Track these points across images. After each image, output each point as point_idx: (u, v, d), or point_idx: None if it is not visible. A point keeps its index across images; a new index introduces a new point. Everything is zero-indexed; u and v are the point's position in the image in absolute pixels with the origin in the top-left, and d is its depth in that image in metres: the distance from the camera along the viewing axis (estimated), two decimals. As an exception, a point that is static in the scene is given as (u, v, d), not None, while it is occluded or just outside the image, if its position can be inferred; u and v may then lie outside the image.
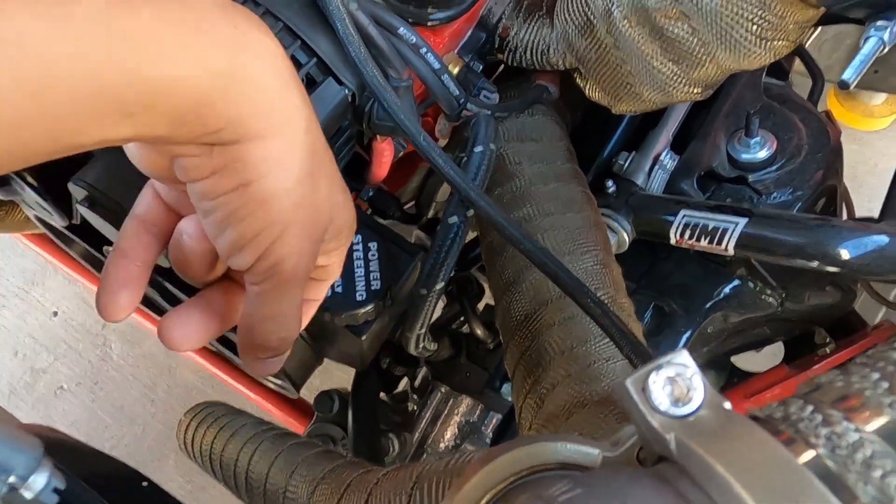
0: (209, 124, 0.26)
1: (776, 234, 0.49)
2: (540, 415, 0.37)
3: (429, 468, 0.28)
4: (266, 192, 0.28)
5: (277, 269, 0.30)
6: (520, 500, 0.17)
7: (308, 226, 0.30)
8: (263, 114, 0.26)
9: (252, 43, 0.26)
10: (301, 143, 0.28)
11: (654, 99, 0.51)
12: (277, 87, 0.27)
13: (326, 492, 0.36)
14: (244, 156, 0.27)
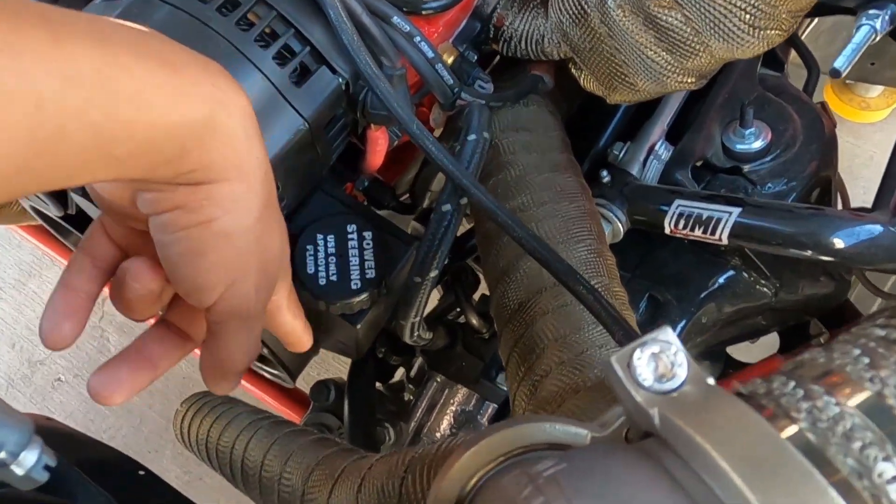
0: (185, 167, 0.28)
1: (769, 223, 0.50)
2: (533, 401, 0.37)
3: (421, 452, 0.28)
4: (229, 228, 0.30)
5: (239, 307, 0.32)
6: (506, 478, 0.17)
7: (265, 263, 0.32)
8: (231, 161, 0.29)
9: (228, 100, 0.29)
10: (260, 187, 0.31)
11: (648, 89, 0.51)
12: (245, 138, 0.30)
13: (321, 478, 0.36)
14: (211, 195, 0.29)
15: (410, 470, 0.26)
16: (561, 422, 0.21)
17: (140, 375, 0.35)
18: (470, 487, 0.20)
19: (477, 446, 0.20)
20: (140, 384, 0.35)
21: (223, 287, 0.31)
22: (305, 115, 0.41)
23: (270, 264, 0.33)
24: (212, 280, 0.31)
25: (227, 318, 0.32)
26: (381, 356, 0.60)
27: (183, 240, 0.30)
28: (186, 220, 0.29)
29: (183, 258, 0.30)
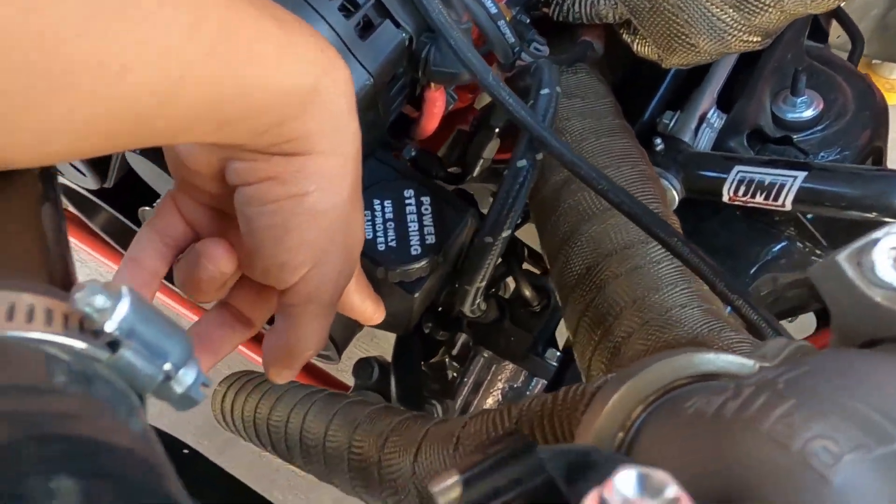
0: (284, 135, 0.27)
1: (836, 186, 0.48)
2: (617, 362, 0.35)
3: (530, 404, 0.26)
4: (319, 205, 0.28)
5: (319, 291, 0.30)
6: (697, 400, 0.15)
7: (350, 247, 0.31)
8: (330, 133, 0.28)
9: (333, 68, 0.27)
10: (353, 165, 0.29)
11: (709, 49, 0.49)
12: (345, 111, 0.28)
13: (399, 443, 0.34)
14: (305, 167, 0.28)
15: (525, 422, 0.25)
16: (716, 352, 0.19)
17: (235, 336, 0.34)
18: (631, 421, 0.19)
19: (636, 378, 0.19)
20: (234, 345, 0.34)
21: (306, 268, 0.29)
22: (371, 70, 0.39)
23: (354, 248, 0.31)
24: (296, 259, 0.29)
25: (304, 300, 0.31)
26: (428, 331, 0.59)
27: (271, 213, 0.28)
28: (277, 193, 0.28)
29: (269, 233, 0.29)
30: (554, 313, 0.60)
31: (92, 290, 0.14)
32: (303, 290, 0.30)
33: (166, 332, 0.15)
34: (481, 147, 0.51)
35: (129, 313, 0.14)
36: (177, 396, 0.16)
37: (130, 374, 0.15)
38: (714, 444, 0.13)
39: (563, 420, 0.23)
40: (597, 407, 0.19)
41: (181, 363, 0.15)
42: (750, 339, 0.33)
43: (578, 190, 0.47)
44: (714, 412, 0.14)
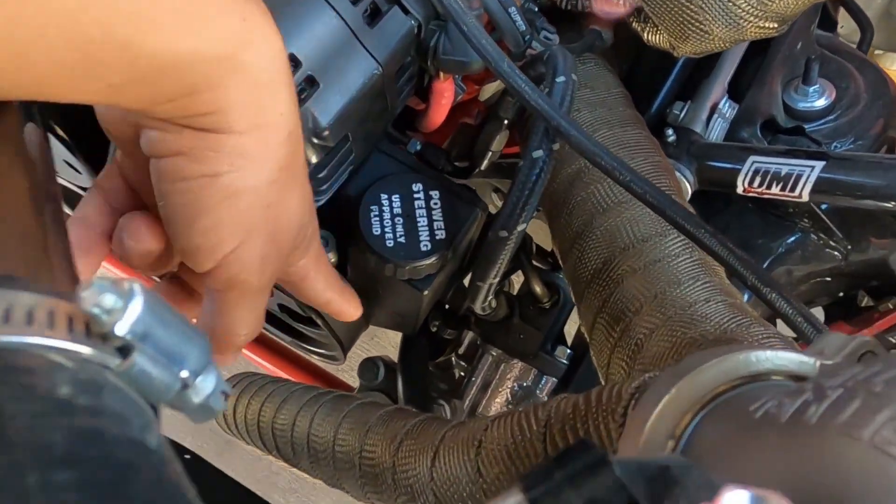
0: (193, 108, 0.24)
1: (855, 176, 0.47)
2: (640, 360, 0.34)
3: (558, 405, 0.25)
4: (234, 187, 0.26)
5: (239, 278, 0.28)
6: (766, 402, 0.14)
7: (274, 233, 0.29)
8: (249, 111, 0.25)
9: (257, 39, 0.25)
10: (279, 146, 0.27)
11: (724, 36, 0.48)
12: (269, 88, 0.26)
13: (415, 448, 0.33)
14: (218, 145, 0.25)
15: (555, 425, 0.23)
16: (773, 349, 0.18)
17: None
18: (683, 427, 0.17)
19: (686, 380, 0.17)
20: None
21: (222, 253, 0.28)
22: (379, 59, 0.37)
23: (283, 234, 0.29)
24: (210, 242, 0.27)
25: (225, 286, 0.29)
26: (435, 330, 0.57)
27: (182, 192, 0.26)
28: (189, 170, 0.26)
29: (180, 213, 0.27)
30: (563, 310, 0.59)
31: (100, 289, 0.13)
32: (222, 276, 0.28)
33: (183, 333, 0.13)
34: (490, 139, 0.49)
35: (143, 314, 0.13)
36: (194, 406, 0.14)
37: (144, 382, 0.13)
38: (798, 452, 0.12)
39: (599, 424, 0.21)
40: (643, 412, 0.17)
41: (199, 369, 0.14)
42: (779, 334, 0.32)
43: (591, 182, 0.46)
44: (791, 417, 0.13)
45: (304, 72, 0.35)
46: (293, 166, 0.28)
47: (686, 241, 0.41)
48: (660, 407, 0.17)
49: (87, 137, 0.49)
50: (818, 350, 0.18)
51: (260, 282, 0.29)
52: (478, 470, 0.27)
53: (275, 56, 0.26)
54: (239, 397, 0.53)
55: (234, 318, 0.30)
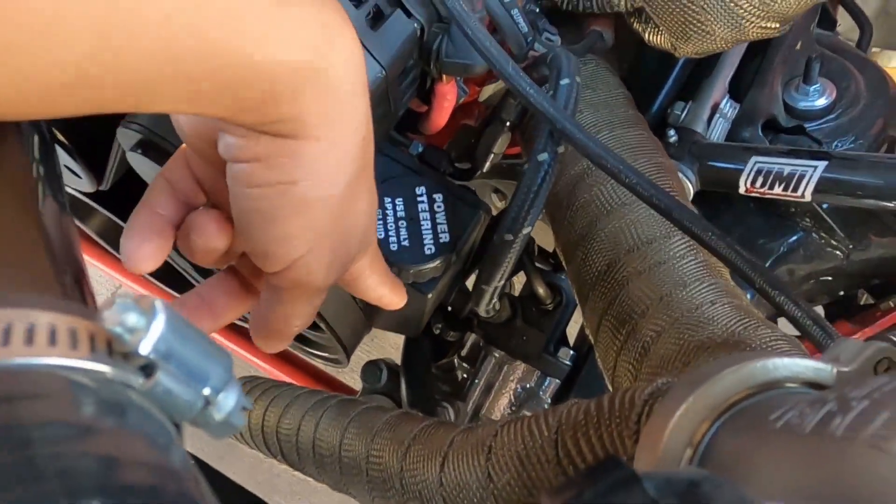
0: (274, 116, 0.24)
1: (857, 176, 0.47)
2: (647, 363, 0.34)
3: (569, 410, 0.25)
4: (310, 196, 0.26)
5: (304, 280, 0.29)
6: (787, 413, 0.14)
7: (342, 238, 0.29)
8: (327, 118, 0.25)
9: (337, 46, 0.25)
10: (354, 154, 0.27)
11: (725, 36, 0.48)
12: (348, 94, 0.25)
13: (423, 453, 0.33)
14: (295, 153, 0.25)
15: (566, 431, 0.23)
16: (789, 356, 0.18)
17: (200, 324, 0.32)
18: (700, 436, 0.17)
19: (703, 388, 0.17)
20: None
21: (292, 258, 0.28)
22: (382, 62, 0.37)
23: (351, 239, 0.30)
24: (281, 249, 0.27)
25: (289, 286, 0.29)
26: (438, 332, 0.57)
27: (257, 198, 0.26)
28: (265, 177, 0.26)
29: (254, 219, 0.27)
30: (566, 311, 0.59)
31: (123, 307, 0.12)
32: (289, 277, 0.29)
33: (205, 351, 0.13)
34: (492, 141, 0.49)
35: (166, 332, 0.13)
36: (215, 423, 0.14)
37: (167, 401, 0.13)
38: (824, 464, 0.12)
39: (613, 431, 0.21)
40: (659, 420, 0.17)
41: (221, 386, 0.14)
42: (786, 336, 0.32)
43: (595, 184, 0.46)
44: (815, 428, 0.13)
45: (308, 76, 0.35)
46: (366, 173, 0.28)
47: (690, 243, 0.41)
48: (677, 415, 0.17)
49: (88, 142, 0.49)
50: (833, 357, 0.18)
51: (325, 283, 0.30)
52: (488, 475, 0.27)
53: (354, 63, 0.25)
54: (242, 401, 0.53)
55: (292, 311, 0.31)
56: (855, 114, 0.59)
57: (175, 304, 0.33)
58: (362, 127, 0.27)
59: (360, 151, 0.27)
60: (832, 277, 0.60)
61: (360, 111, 0.26)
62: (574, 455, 0.22)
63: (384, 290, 0.37)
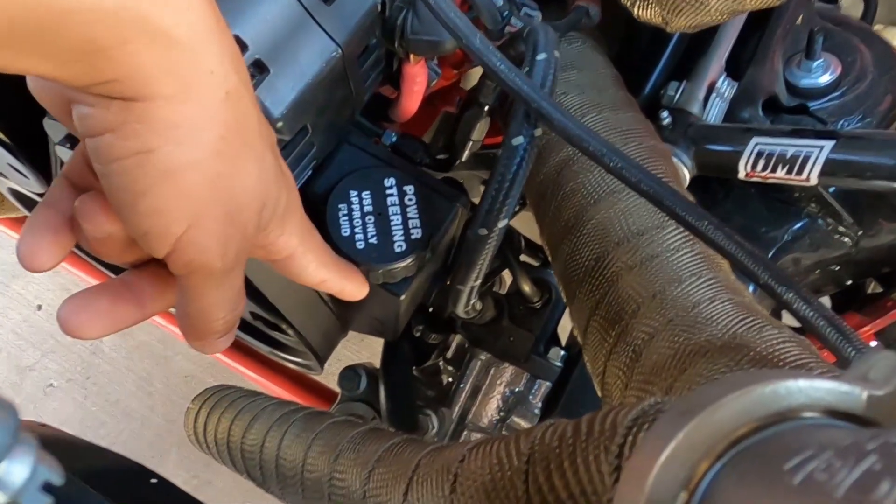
0: (100, 72, 0.22)
1: (867, 156, 0.43)
2: (639, 369, 0.30)
3: (543, 438, 0.21)
4: (171, 163, 0.24)
5: (199, 261, 0.26)
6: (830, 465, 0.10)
7: (231, 209, 0.26)
8: (172, 72, 0.22)
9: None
10: (220, 112, 0.24)
11: (720, 7, 0.44)
12: (190, 42, 0.23)
13: (387, 476, 0.29)
14: (146, 116, 0.23)
15: (538, 461, 0.20)
16: (806, 377, 0.14)
17: (122, 310, 0.29)
18: (698, 478, 0.13)
19: (700, 419, 0.14)
20: (121, 320, 0.29)
21: (173, 236, 0.25)
22: (338, 40, 0.33)
23: (242, 210, 0.27)
24: (157, 227, 0.25)
25: (186, 271, 0.27)
26: (419, 335, 0.53)
27: (118, 173, 0.24)
28: (120, 149, 0.23)
29: (121, 196, 0.24)
30: (556, 309, 0.55)
31: None
32: (179, 260, 0.26)
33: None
34: (470, 128, 0.45)
35: None
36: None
37: None
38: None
39: (590, 462, 0.18)
40: (645, 457, 0.14)
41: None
42: (796, 337, 0.28)
43: (581, 171, 0.42)
44: (850, 493, 0.09)
45: (252, 56, 0.31)
46: (242, 131, 0.25)
47: (686, 234, 0.37)
48: (666, 454, 0.13)
49: (30, 141, 0.45)
50: (861, 374, 0.14)
51: (224, 264, 0.27)
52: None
53: (191, 6, 0.23)
54: (210, 413, 0.50)
55: (205, 302, 0.28)
56: (861, 90, 0.55)
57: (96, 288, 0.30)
58: (221, 79, 0.24)
59: (224, 107, 0.24)
60: (840, 266, 0.56)
61: (211, 61, 0.24)
62: (546, 491, 0.19)
63: (326, 274, 0.34)
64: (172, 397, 1.14)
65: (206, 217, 0.25)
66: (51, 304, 1.24)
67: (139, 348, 1.18)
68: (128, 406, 1.15)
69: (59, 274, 1.21)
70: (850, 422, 0.14)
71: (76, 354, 1.20)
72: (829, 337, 0.23)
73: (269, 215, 0.29)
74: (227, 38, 0.24)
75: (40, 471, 0.11)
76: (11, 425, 0.10)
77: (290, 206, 0.31)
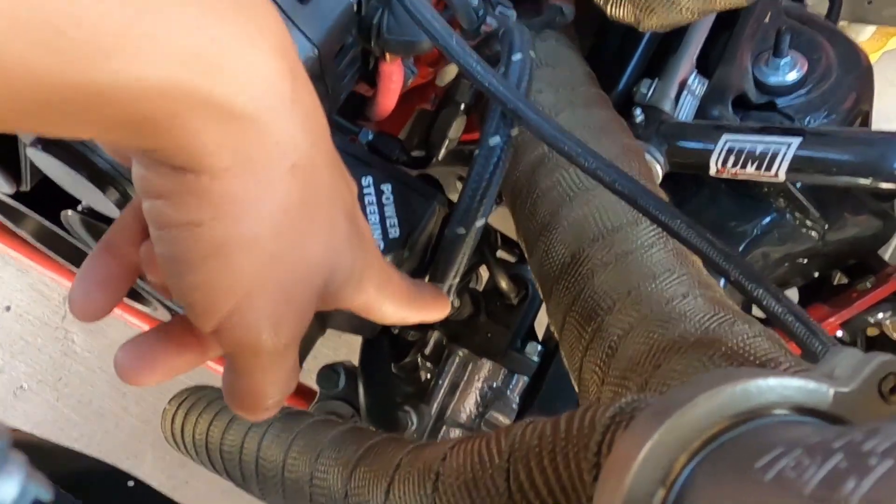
0: (148, 141, 0.20)
1: (833, 153, 0.44)
2: (615, 365, 0.31)
3: (523, 435, 0.21)
4: (224, 239, 0.22)
5: (248, 341, 0.24)
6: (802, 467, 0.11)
7: (287, 287, 0.24)
8: (229, 145, 0.20)
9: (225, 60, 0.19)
10: (283, 186, 0.22)
11: (691, 6, 0.45)
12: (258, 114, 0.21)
13: (368, 475, 0.29)
14: (199, 189, 0.21)
15: (519, 459, 0.20)
16: (776, 375, 0.15)
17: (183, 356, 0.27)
18: (675, 475, 0.14)
19: (676, 417, 0.14)
20: (181, 366, 0.27)
21: (219, 314, 0.23)
22: (314, 40, 0.33)
23: (302, 287, 0.25)
24: (203, 302, 0.23)
25: (233, 350, 0.25)
26: (397, 332, 0.54)
27: (168, 242, 0.22)
28: (171, 217, 0.21)
29: (169, 266, 0.23)
30: (532, 304, 0.55)
31: None
32: (228, 338, 0.24)
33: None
34: (446, 125, 0.46)
35: None
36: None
37: None
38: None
39: (570, 460, 0.18)
40: (624, 452, 0.14)
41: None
42: (766, 331, 0.29)
43: (556, 168, 0.42)
44: (817, 490, 0.10)
45: (227, 56, 0.31)
46: (309, 204, 0.23)
47: (660, 230, 0.38)
48: (644, 451, 0.14)
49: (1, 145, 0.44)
50: (828, 371, 0.15)
51: (275, 344, 0.24)
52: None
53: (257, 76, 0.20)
54: (187, 414, 0.49)
55: (253, 382, 0.26)
56: (827, 88, 0.56)
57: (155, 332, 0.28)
58: (288, 150, 0.22)
59: (288, 180, 0.22)
60: (807, 259, 0.58)
61: (279, 132, 0.21)
62: (527, 489, 0.19)
63: (404, 314, 0.32)
64: (147, 397, 1.12)
65: (258, 296, 0.23)
66: (20, 305, 1.21)
67: (111, 347, 1.16)
68: (101, 407, 1.13)
69: (29, 274, 1.19)
70: (817, 417, 0.14)
71: (47, 356, 1.18)
72: (796, 332, 0.24)
73: (341, 284, 0.27)
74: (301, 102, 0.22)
75: (30, 489, 0.11)
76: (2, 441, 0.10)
77: (367, 266, 0.29)
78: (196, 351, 0.28)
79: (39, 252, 0.72)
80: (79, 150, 0.31)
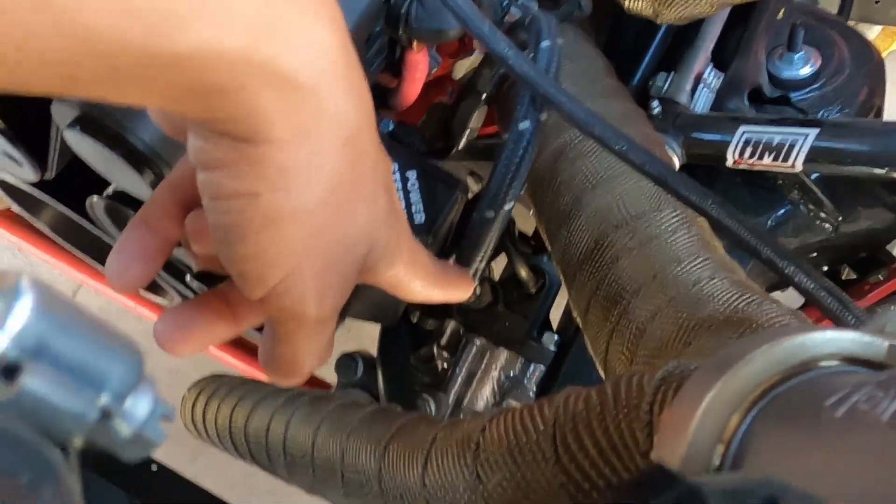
0: (212, 111, 0.20)
1: (849, 143, 0.45)
2: (643, 346, 0.31)
3: (567, 402, 0.22)
4: (277, 210, 0.22)
5: (294, 309, 0.25)
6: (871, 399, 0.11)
7: (333, 258, 0.25)
8: (290, 117, 0.21)
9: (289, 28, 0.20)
10: (335, 158, 0.23)
11: (711, 0, 0.46)
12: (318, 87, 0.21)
13: (403, 452, 0.30)
14: (257, 159, 0.22)
15: (565, 423, 0.21)
16: (830, 329, 0.15)
17: (219, 327, 0.28)
18: (733, 428, 0.14)
19: (732, 372, 0.15)
20: (217, 337, 0.28)
21: (268, 283, 0.24)
22: (346, 26, 0.34)
23: (345, 259, 0.25)
24: (255, 272, 0.24)
25: (279, 317, 0.26)
26: (415, 321, 0.54)
27: (223, 212, 0.23)
28: (227, 188, 0.22)
29: (223, 235, 0.23)
30: (549, 294, 0.56)
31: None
32: (275, 305, 0.25)
33: (99, 343, 0.10)
34: (468, 115, 0.46)
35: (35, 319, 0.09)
36: (124, 439, 0.11)
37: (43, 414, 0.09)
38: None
39: (621, 423, 0.19)
40: (682, 411, 0.15)
41: (125, 389, 0.10)
42: (793, 311, 0.29)
43: (577, 158, 0.43)
44: (893, 419, 0.10)
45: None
46: (355, 179, 0.24)
47: (682, 216, 0.38)
48: (703, 406, 0.14)
49: (28, 126, 0.45)
50: (878, 327, 0.16)
51: (318, 313, 0.25)
52: (476, 476, 0.25)
53: (317, 48, 0.21)
54: (209, 400, 0.50)
55: (293, 349, 0.27)
56: (840, 82, 0.57)
57: (192, 304, 0.28)
58: (342, 124, 0.22)
59: (341, 154, 0.23)
60: (819, 251, 0.58)
61: (335, 105, 0.22)
62: (575, 451, 0.20)
63: (433, 291, 0.33)
64: (156, 392, 1.13)
65: (306, 266, 0.24)
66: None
67: (120, 343, 1.16)
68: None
69: (41, 268, 1.19)
70: (869, 368, 0.15)
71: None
72: (829, 306, 0.24)
73: (377, 258, 0.28)
74: (352, 76, 0.23)
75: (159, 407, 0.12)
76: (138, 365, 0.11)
77: (400, 241, 0.29)
78: (231, 322, 0.29)
79: (54, 245, 0.73)
80: (116, 131, 0.32)
